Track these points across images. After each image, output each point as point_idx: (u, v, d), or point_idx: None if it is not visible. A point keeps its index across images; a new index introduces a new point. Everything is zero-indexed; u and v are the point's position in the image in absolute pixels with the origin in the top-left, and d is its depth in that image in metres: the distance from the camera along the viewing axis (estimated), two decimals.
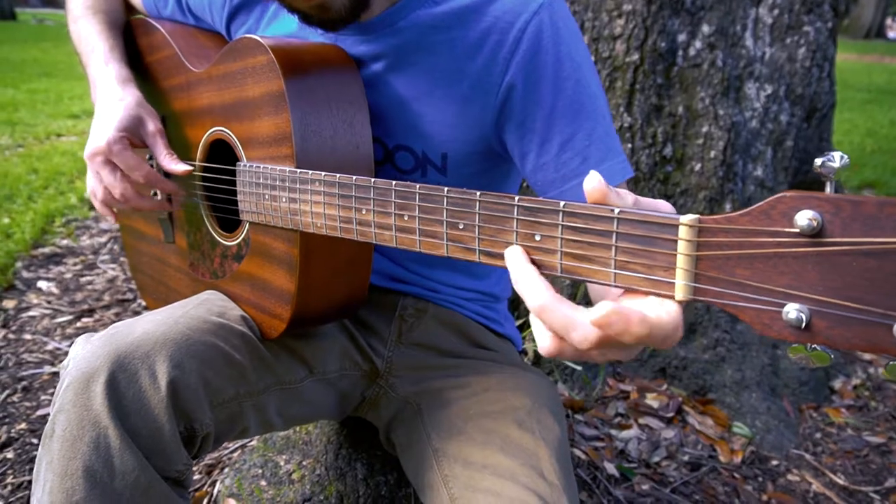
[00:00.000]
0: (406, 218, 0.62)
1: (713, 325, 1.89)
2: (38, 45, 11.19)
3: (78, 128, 5.04)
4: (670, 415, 1.76)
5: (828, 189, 0.38)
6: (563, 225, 0.49)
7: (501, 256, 0.54)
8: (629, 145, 1.93)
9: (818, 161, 0.38)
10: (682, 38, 1.96)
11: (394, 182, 0.63)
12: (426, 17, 0.89)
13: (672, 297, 0.44)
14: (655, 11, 1.90)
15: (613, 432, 1.70)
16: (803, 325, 0.38)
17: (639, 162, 1.93)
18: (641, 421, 1.74)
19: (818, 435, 1.73)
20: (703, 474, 1.57)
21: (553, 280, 0.50)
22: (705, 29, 1.98)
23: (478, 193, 0.55)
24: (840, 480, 1.56)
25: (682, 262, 0.42)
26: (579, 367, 1.82)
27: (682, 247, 0.42)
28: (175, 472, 0.81)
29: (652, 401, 1.81)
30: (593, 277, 0.48)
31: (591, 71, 0.88)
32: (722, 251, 0.41)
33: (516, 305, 1.90)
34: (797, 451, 1.66)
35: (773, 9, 2.10)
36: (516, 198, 0.52)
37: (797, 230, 0.37)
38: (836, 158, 0.38)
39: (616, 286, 0.46)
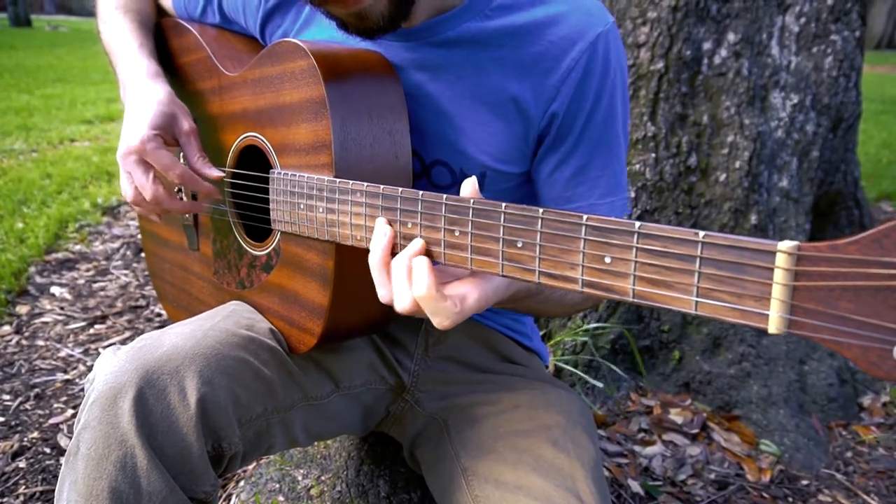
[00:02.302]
0: (457, 234, 0.59)
1: (738, 340, 1.85)
2: (53, 51, 11.29)
3: (91, 133, 5.04)
4: (695, 431, 1.72)
5: None
6: (637, 247, 0.46)
7: (564, 279, 0.51)
8: (653, 155, 1.90)
9: None
10: (707, 46, 1.93)
11: (444, 195, 0.60)
12: (477, 30, 0.86)
13: (765, 330, 0.40)
14: (681, 19, 1.87)
15: (637, 448, 1.66)
16: None
17: (663, 172, 1.90)
18: (665, 437, 1.70)
19: (849, 454, 1.69)
20: (730, 493, 1.53)
21: None
22: (731, 37, 1.94)
23: (540, 210, 0.51)
24: (874, 502, 1.51)
25: (777, 292, 0.39)
26: (600, 384, 1.78)
27: (778, 276, 0.39)
28: (202, 494, 0.78)
29: (676, 416, 1.77)
30: (671, 304, 0.45)
31: (623, 108, 0.91)
32: (824, 282, 0.38)
33: (541, 320, 1.87)
34: (827, 471, 1.62)
35: (799, 17, 2.06)
36: (584, 216, 0.49)
37: None
38: None
39: (698, 315, 0.43)
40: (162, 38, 1.14)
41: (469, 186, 0.63)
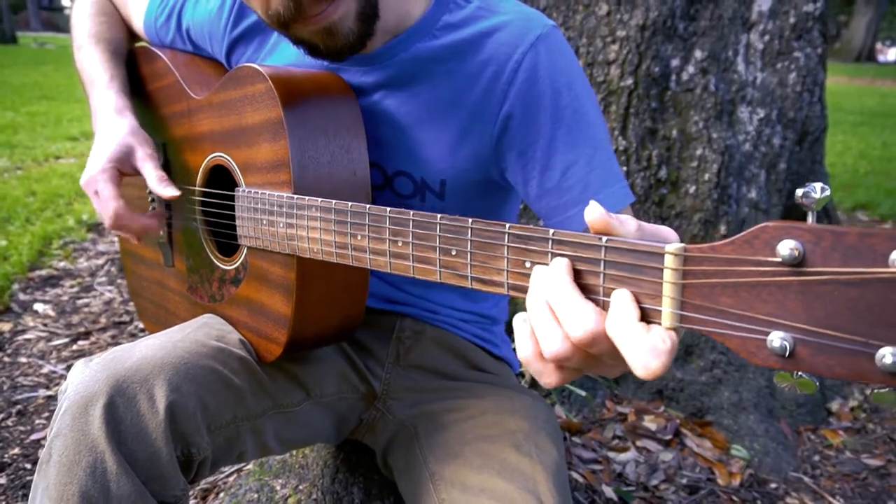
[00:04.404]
0: (400, 244, 0.63)
1: (710, 347, 1.90)
2: (39, 68, 11.27)
3: (77, 150, 5.06)
4: (668, 437, 1.76)
5: (809, 219, 0.39)
6: (552, 253, 0.50)
7: (493, 283, 0.55)
8: (624, 168, 1.95)
9: (799, 192, 0.39)
10: (675, 63, 1.99)
11: (388, 209, 0.64)
12: (426, 49, 0.91)
13: (659, 324, 0.45)
14: (649, 37, 1.94)
15: (611, 455, 1.69)
16: (787, 353, 0.39)
17: (634, 185, 1.95)
18: (639, 443, 1.74)
19: (816, 457, 1.73)
20: (701, 497, 1.56)
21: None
22: (698, 54, 2.01)
23: (470, 221, 0.56)
24: None
25: (668, 290, 0.44)
26: (582, 392, 1.82)
27: (667, 275, 0.43)
28: (172, 498, 0.81)
29: (650, 423, 1.81)
30: None
31: (589, 99, 0.89)
32: (707, 279, 0.42)
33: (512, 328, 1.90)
34: (795, 474, 1.66)
35: (763, 35, 2.14)
36: (507, 225, 0.53)
37: (779, 259, 0.38)
38: (817, 189, 0.39)
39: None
40: (134, 65, 1.20)
41: (596, 212, 0.49)
